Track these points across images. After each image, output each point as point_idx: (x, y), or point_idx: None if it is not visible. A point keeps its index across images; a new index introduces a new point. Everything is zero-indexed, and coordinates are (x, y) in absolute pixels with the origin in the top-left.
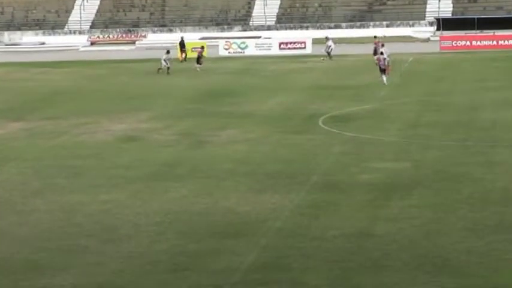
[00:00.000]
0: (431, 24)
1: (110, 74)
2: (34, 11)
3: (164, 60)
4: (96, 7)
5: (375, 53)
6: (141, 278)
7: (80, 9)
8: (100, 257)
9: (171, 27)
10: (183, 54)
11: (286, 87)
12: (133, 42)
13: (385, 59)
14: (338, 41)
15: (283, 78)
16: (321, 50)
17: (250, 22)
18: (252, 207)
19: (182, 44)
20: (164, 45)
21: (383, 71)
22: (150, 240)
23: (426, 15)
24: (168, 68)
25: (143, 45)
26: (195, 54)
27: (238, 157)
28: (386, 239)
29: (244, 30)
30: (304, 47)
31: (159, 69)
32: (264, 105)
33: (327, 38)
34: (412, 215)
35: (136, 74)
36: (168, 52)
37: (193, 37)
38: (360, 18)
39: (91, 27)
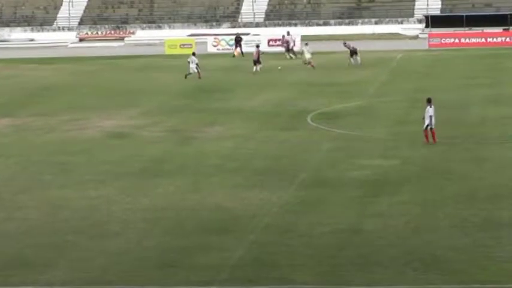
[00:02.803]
0: (420, 21)
1: (98, 71)
2: (23, 8)
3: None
4: (85, 3)
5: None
6: (129, 274)
7: (69, 5)
8: (88, 253)
9: (160, 24)
10: (239, 50)
11: (274, 83)
12: (122, 39)
13: None
14: (327, 37)
15: (272, 75)
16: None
17: (239, 19)
18: (240, 204)
19: (238, 40)
20: (151, 41)
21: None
22: (139, 236)
23: (415, 13)
24: (199, 72)
25: (132, 42)
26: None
27: (226, 153)
28: (375, 235)
29: (233, 27)
30: (294, 44)
31: (188, 74)
32: (253, 101)
33: (288, 33)
34: (401, 211)
35: (125, 70)
36: (193, 54)
37: (181, 34)
38: (348, 15)
39: (80, 23)
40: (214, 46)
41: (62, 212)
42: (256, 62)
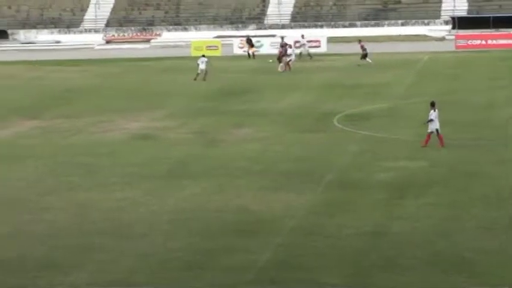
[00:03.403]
0: (446, 23)
1: (125, 73)
2: (49, 10)
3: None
4: (111, 5)
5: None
6: (155, 276)
7: (95, 7)
8: (114, 254)
9: (186, 26)
10: (251, 51)
11: (301, 85)
12: (148, 41)
13: None
14: (353, 39)
15: (298, 76)
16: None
17: (265, 21)
18: (266, 206)
19: (249, 41)
20: (177, 43)
21: None
22: (165, 238)
23: (441, 14)
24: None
25: (158, 44)
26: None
27: (253, 155)
28: (402, 237)
29: (259, 29)
30: (319, 46)
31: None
32: (279, 103)
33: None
34: (427, 213)
35: (151, 72)
36: (203, 56)
37: (207, 35)
38: (374, 17)
39: (106, 25)
40: (240, 48)
41: (88, 213)
42: (279, 58)
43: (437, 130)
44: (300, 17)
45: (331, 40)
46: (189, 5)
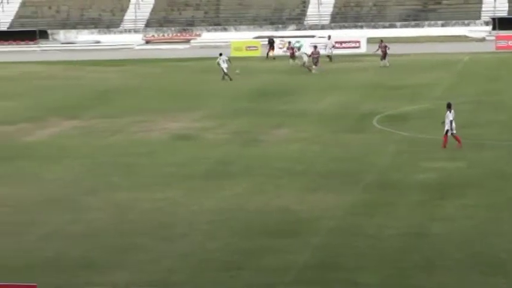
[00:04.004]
0: (486, 23)
1: (164, 73)
2: (89, 10)
3: (224, 63)
4: (151, 6)
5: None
6: (194, 276)
7: (135, 8)
8: (154, 254)
9: (226, 26)
10: (271, 52)
11: (340, 86)
12: (188, 41)
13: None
14: (393, 40)
15: (338, 77)
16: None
17: (305, 21)
18: (305, 206)
19: (271, 42)
20: (217, 43)
21: None
22: (204, 238)
23: (482, 15)
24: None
25: (198, 44)
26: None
27: (292, 156)
28: (441, 238)
29: (299, 29)
30: (359, 46)
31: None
32: (318, 104)
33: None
34: (467, 214)
35: (190, 72)
36: (221, 54)
37: (247, 36)
38: (414, 18)
39: (146, 26)
40: (280, 48)
41: (127, 213)
42: (316, 62)
43: (447, 131)
44: (340, 18)
45: (371, 41)
46: (229, 5)
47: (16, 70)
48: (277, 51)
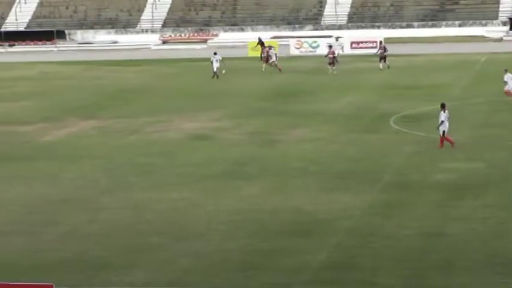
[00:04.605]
0: (504, 23)
1: (181, 73)
2: (107, 10)
3: (217, 62)
4: (168, 6)
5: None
6: (211, 276)
7: (152, 8)
8: (170, 254)
9: (243, 26)
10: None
11: (357, 86)
12: (205, 41)
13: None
14: (410, 40)
15: (354, 77)
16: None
17: (322, 21)
18: (322, 206)
19: (262, 43)
20: (234, 43)
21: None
22: (221, 238)
23: (499, 15)
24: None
25: (215, 44)
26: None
27: (309, 156)
28: (459, 238)
29: (316, 30)
30: (376, 47)
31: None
32: (335, 104)
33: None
34: (485, 215)
35: (207, 72)
36: (215, 54)
37: (264, 36)
38: (432, 18)
39: (163, 26)
40: (297, 48)
41: (145, 213)
42: (331, 63)
43: (443, 132)
44: (357, 18)
45: (388, 41)
46: (246, 6)
47: (34, 70)
48: (294, 51)
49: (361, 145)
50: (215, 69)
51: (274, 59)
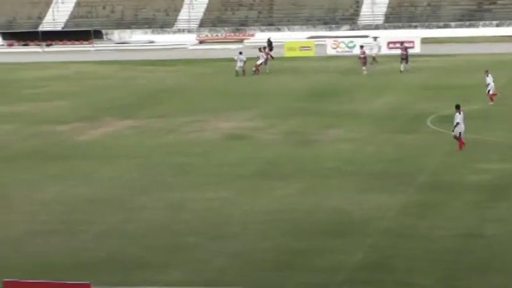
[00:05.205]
0: None
1: (217, 73)
2: (144, 10)
3: (241, 61)
4: (205, 6)
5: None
6: (246, 276)
7: (189, 8)
8: (206, 254)
9: (279, 26)
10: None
11: (393, 86)
12: (241, 41)
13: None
14: (447, 40)
15: (391, 77)
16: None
17: (358, 21)
18: (357, 207)
19: (270, 43)
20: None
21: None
22: (256, 238)
23: None
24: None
25: (251, 44)
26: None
27: (344, 156)
28: (495, 240)
29: (352, 30)
30: (413, 47)
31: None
32: (370, 104)
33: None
34: None
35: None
36: (241, 53)
37: (301, 36)
38: (469, 18)
39: (199, 26)
40: (334, 48)
41: (181, 213)
42: (364, 63)
43: (459, 134)
44: (394, 18)
45: (424, 41)
46: (282, 6)
47: (70, 70)
48: (331, 51)
49: (396, 145)
50: (237, 68)
51: (262, 60)
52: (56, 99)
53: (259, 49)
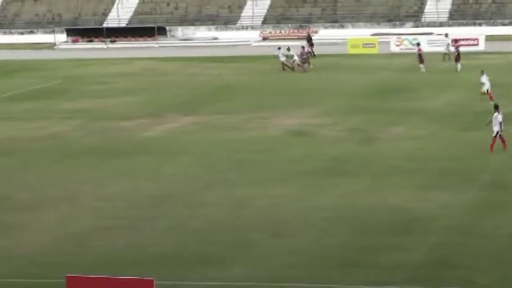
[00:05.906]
0: None
1: (281, 70)
2: (207, 7)
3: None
4: (269, 3)
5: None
6: (310, 273)
7: (253, 4)
8: (269, 250)
9: (343, 23)
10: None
11: (456, 83)
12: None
13: None
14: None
15: (454, 74)
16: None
17: (422, 18)
18: (421, 205)
19: (309, 39)
20: (334, 40)
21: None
22: (319, 235)
23: None
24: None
25: (314, 41)
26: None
27: (407, 154)
28: None
29: (416, 27)
30: (477, 44)
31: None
32: (434, 101)
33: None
34: None
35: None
36: (288, 49)
37: (364, 33)
38: None
39: (263, 22)
40: (397, 46)
41: (244, 210)
42: (421, 60)
43: (497, 133)
44: (458, 15)
45: (489, 38)
46: (346, 2)
47: (134, 66)
48: (395, 48)
49: (461, 143)
50: (285, 62)
51: (295, 59)
52: (121, 96)
53: (302, 46)
